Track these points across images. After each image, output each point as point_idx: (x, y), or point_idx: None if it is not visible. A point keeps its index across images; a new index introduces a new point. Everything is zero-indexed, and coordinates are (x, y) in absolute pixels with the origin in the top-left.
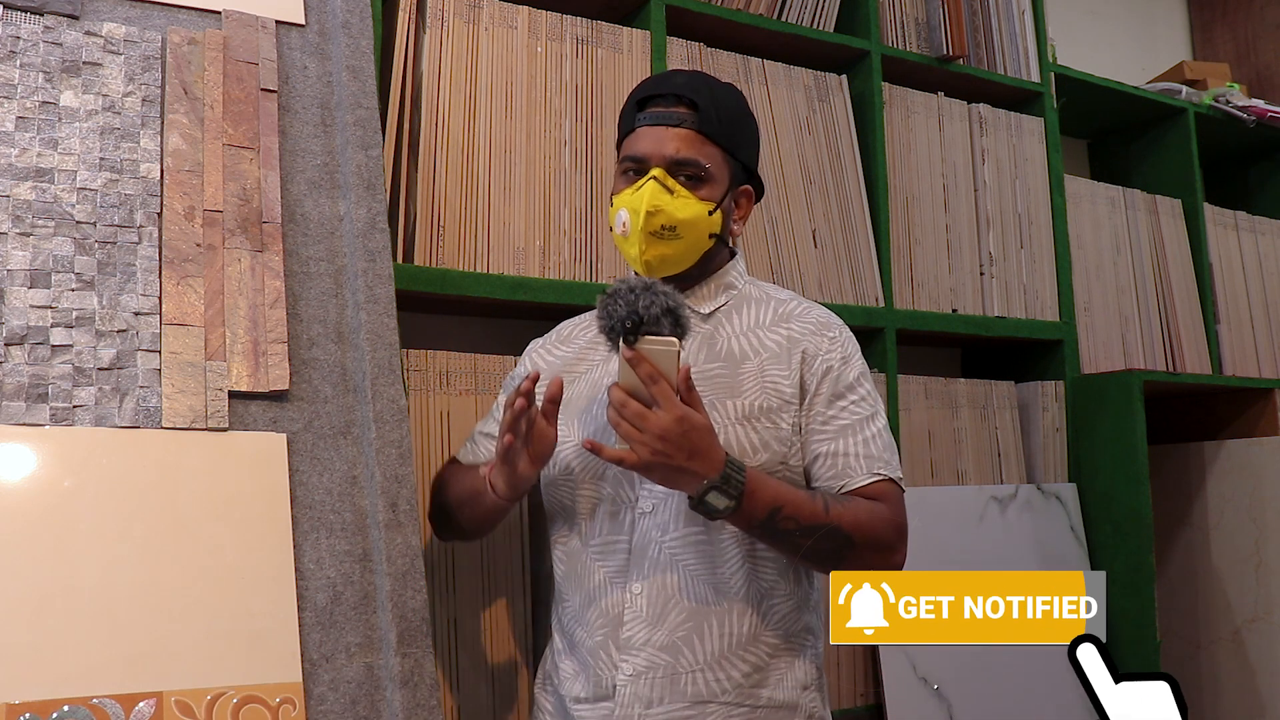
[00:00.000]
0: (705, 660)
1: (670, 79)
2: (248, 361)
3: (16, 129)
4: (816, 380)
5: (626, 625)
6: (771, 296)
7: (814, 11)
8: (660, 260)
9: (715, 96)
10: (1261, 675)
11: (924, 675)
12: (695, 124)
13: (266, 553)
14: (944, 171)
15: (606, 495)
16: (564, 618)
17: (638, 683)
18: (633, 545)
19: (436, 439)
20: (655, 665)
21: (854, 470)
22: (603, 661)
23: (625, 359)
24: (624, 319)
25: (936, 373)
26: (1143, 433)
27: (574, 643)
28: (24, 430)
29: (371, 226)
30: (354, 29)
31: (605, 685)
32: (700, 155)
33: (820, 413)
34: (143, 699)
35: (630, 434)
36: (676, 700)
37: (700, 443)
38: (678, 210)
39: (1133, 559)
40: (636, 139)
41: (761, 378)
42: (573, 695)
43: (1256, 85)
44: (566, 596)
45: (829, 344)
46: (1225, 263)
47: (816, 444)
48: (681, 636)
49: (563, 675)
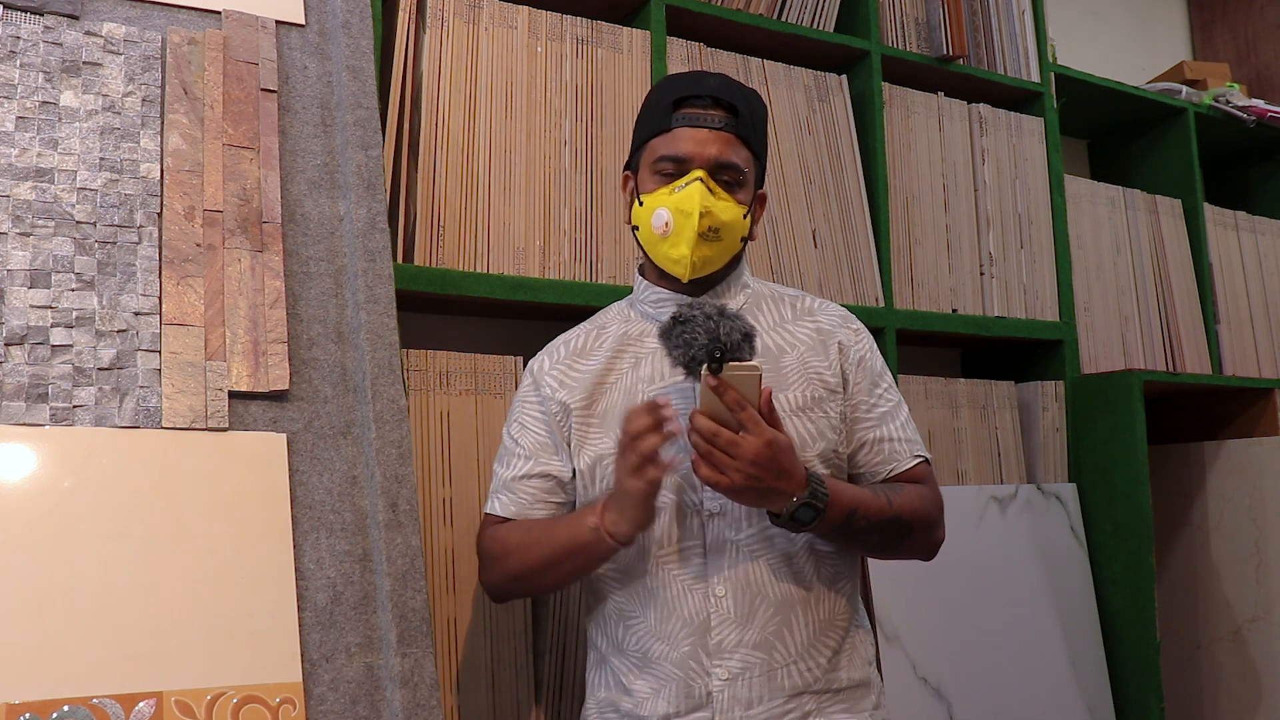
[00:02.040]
0: (797, 651)
1: (704, 81)
2: (248, 361)
3: (16, 129)
4: (854, 370)
5: (715, 630)
6: (783, 294)
7: (814, 11)
8: (704, 262)
9: (749, 101)
10: (1261, 675)
11: (924, 675)
12: (734, 128)
13: (266, 553)
14: (944, 171)
15: (668, 503)
16: (630, 638)
17: (735, 685)
18: (707, 548)
19: (436, 439)
20: (751, 665)
21: (900, 454)
22: (693, 671)
23: (709, 386)
24: (709, 348)
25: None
26: (1143, 433)
27: (649, 659)
28: (24, 430)
29: (371, 226)
30: (354, 29)
31: (698, 694)
32: (739, 159)
33: (864, 401)
34: (143, 699)
35: (724, 461)
36: (776, 696)
37: (787, 462)
38: (722, 212)
39: (1133, 559)
40: (675, 139)
41: (805, 369)
42: (659, 714)
43: (1256, 85)
44: (633, 614)
45: (855, 336)
46: (1225, 263)
47: (863, 431)
48: (773, 631)
49: (638, 697)
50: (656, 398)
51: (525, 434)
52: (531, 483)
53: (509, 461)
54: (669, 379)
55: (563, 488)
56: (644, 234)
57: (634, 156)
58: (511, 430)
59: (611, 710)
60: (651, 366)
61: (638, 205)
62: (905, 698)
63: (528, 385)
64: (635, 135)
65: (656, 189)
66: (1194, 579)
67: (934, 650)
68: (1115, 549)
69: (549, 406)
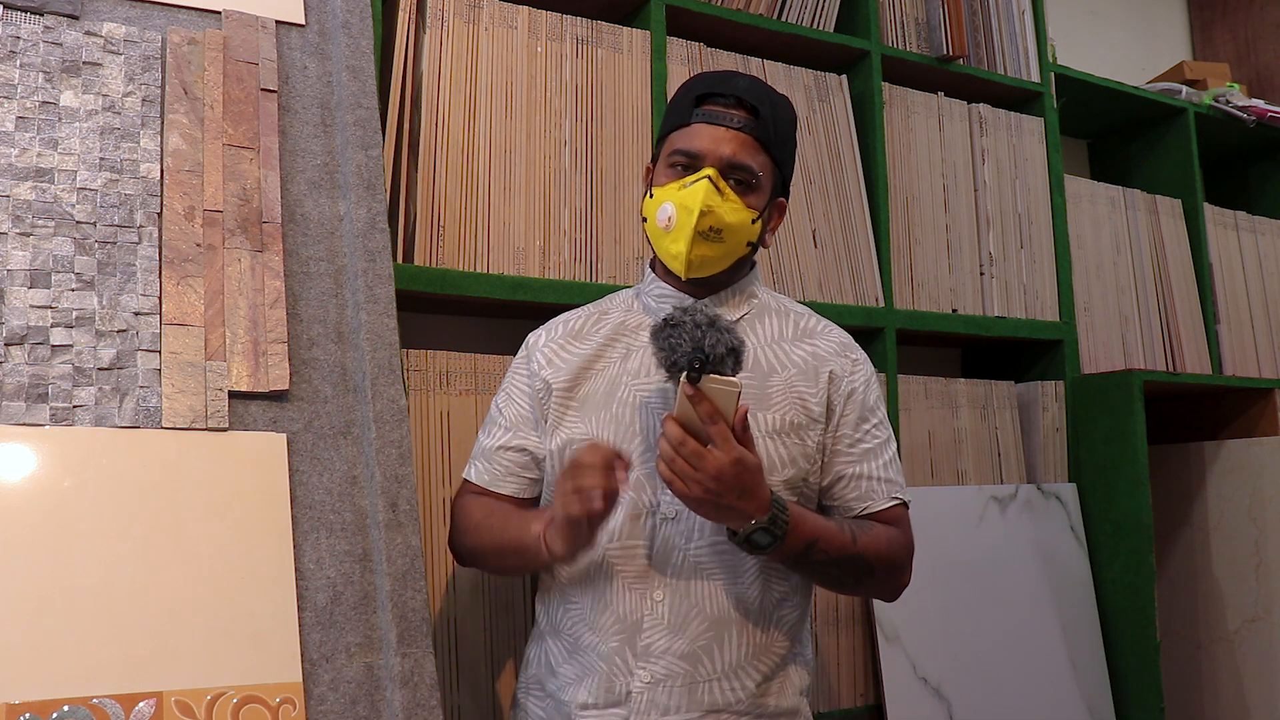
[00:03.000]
0: (723, 669)
1: (732, 80)
2: (248, 361)
3: (16, 129)
4: (843, 402)
5: (646, 632)
6: (790, 309)
7: (814, 11)
8: (701, 261)
9: (775, 106)
10: (1261, 675)
11: (924, 675)
12: (754, 130)
13: (266, 553)
14: (944, 171)
15: (626, 499)
16: (566, 620)
17: (655, 690)
18: (654, 551)
19: (436, 439)
20: (674, 674)
21: (876, 494)
22: (617, 667)
23: (685, 395)
24: (689, 356)
25: (936, 373)
26: (1143, 433)
27: (579, 646)
28: (24, 430)
29: (371, 226)
30: (354, 29)
31: (618, 691)
32: (754, 162)
33: (847, 435)
34: (143, 699)
35: (685, 471)
36: (693, 709)
37: (751, 483)
38: (727, 214)
39: (1133, 559)
40: (692, 134)
41: (790, 392)
42: (577, 701)
43: (1256, 85)
44: (574, 599)
45: (853, 366)
46: (1225, 263)
47: (841, 465)
48: (702, 645)
49: (562, 680)
50: (620, 451)
51: (510, 405)
52: (507, 455)
53: (490, 430)
54: (654, 376)
55: (537, 464)
56: (650, 226)
57: (656, 148)
58: (499, 399)
59: (538, 687)
60: (640, 361)
61: (648, 197)
62: (905, 698)
63: (521, 357)
64: (661, 127)
65: (668, 183)
66: (1194, 579)
67: (934, 650)
68: (1115, 549)
69: (534, 382)
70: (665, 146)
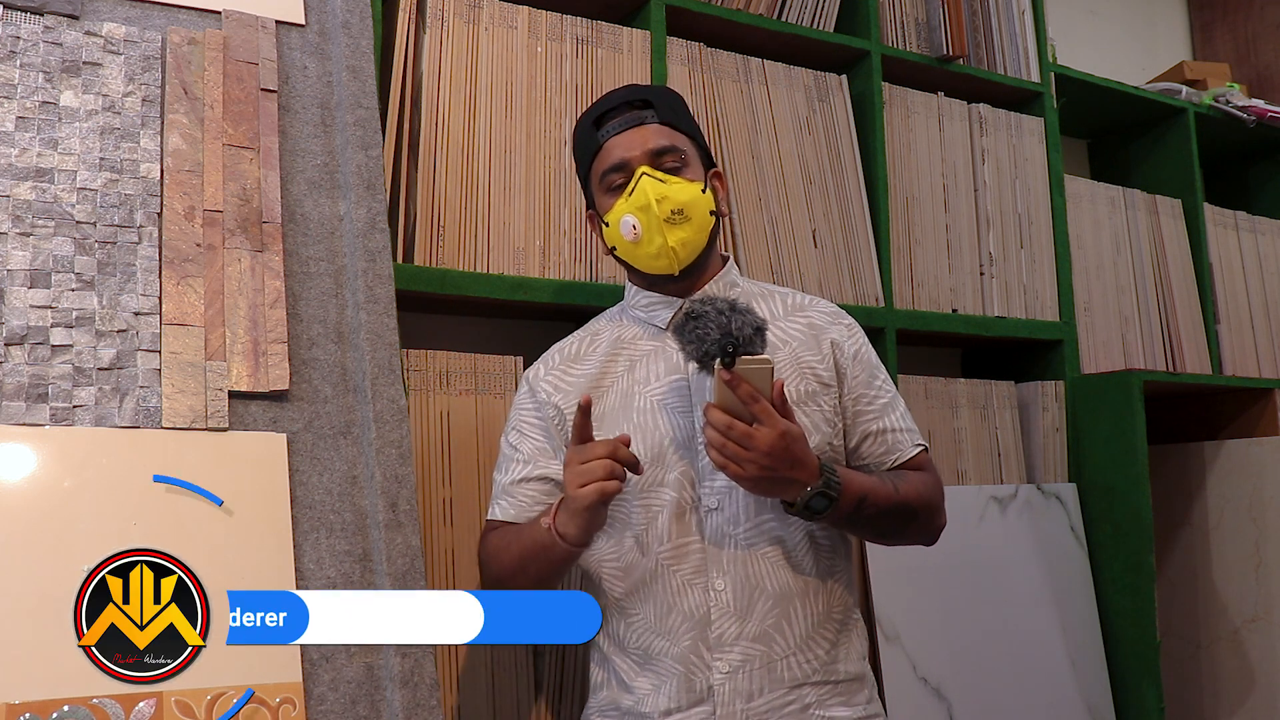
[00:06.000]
0: (795, 643)
1: (613, 96)
2: (248, 361)
3: (16, 129)
4: (850, 365)
5: (715, 623)
6: (774, 291)
7: (814, 11)
8: (682, 244)
9: (660, 94)
10: (1261, 675)
11: (924, 675)
12: (654, 119)
13: (267, 553)
14: (944, 171)
15: (669, 500)
16: (630, 634)
17: (736, 678)
18: (706, 543)
19: (436, 439)
20: (751, 657)
21: (902, 444)
22: (694, 665)
23: (723, 380)
24: (720, 342)
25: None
26: (1143, 433)
27: (650, 655)
28: (24, 430)
29: (371, 226)
30: (354, 29)
31: (699, 689)
32: (674, 141)
33: (864, 394)
34: (143, 699)
35: (737, 453)
36: (776, 688)
37: (800, 452)
38: (678, 193)
39: (1133, 559)
40: (608, 152)
41: (798, 364)
42: (660, 710)
43: (1256, 85)
44: (633, 611)
45: (848, 331)
46: (1225, 263)
47: (866, 423)
48: (771, 623)
49: (639, 694)
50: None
51: (523, 440)
52: (530, 486)
53: (507, 468)
54: (665, 379)
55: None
56: (622, 248)
57: (588, 195)
58: (510, 438)
59: (612, 709)
60: (646, 368)
61: (605, 228)
62: (905, 698)
63: (524, 393)
64: (580, 177)
65: (614, 203)
66: (1194, 579)
67: (934, 650)
68: (1115, 549)
69: (545, 411)
70: (593, 181)
